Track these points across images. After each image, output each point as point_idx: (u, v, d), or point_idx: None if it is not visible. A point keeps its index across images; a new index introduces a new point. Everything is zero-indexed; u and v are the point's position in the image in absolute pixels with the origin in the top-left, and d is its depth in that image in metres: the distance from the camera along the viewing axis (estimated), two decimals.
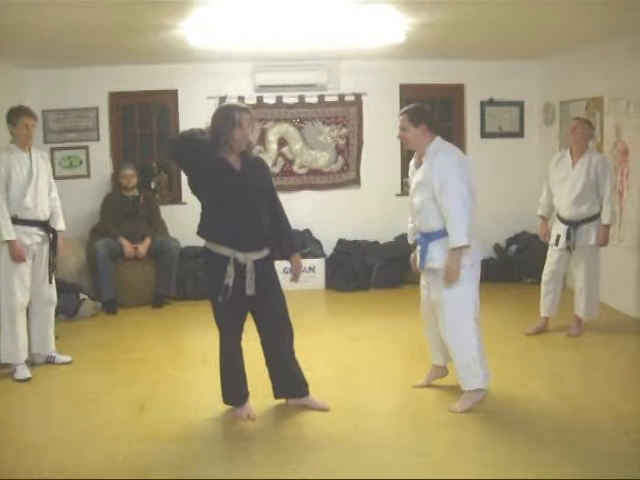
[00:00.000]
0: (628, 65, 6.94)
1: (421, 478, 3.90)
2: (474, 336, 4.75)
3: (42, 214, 5.72)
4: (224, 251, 4.51)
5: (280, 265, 4.95)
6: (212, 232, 4.59)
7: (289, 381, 4.91)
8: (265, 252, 4.65)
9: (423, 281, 5.03)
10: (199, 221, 4.66)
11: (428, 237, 4.77)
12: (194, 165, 4.51)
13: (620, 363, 5.85)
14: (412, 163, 4.96)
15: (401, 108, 8.77)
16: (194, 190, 4.62)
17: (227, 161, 4.51)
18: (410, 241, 5.14)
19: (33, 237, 5.66)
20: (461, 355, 4.77)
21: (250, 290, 4.53)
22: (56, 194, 5.95)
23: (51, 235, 5.81)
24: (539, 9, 5.61)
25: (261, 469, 4.05)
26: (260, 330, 4.80)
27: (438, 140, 4.76)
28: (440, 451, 4.23)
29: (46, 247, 5.79)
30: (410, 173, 4.99)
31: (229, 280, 4.48)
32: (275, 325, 4.79)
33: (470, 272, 4.70)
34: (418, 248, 4.92)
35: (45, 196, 5.76)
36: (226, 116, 4.47)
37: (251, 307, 4.69)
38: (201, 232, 4.65)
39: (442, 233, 4.66)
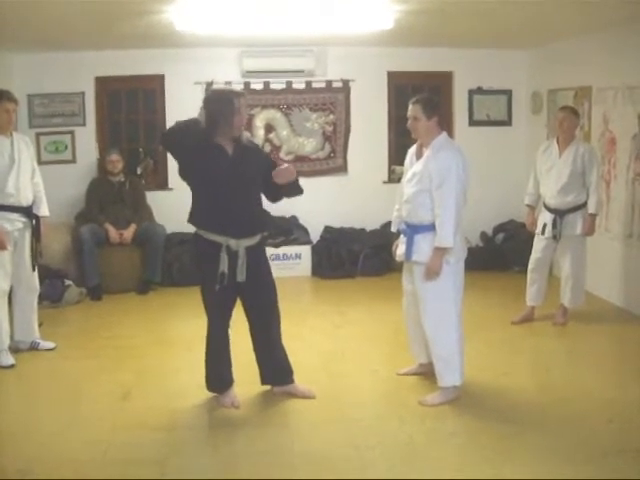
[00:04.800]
0: (616, 55, 6.93)
1: (404, 468, 3.90)
2: (456, 331, 4.75)
3: (25, 200, 5.65)
4: (216, 238, 4.49)
5: (269, 252, 4.90)
6: (204, 219, 4.57)
7: (277, 368, 4.91)
8: (257, 238, 4.64)
9: (406, 274, 5.02)
10: (190, 208, 4.63)
11: (414, 229, 4.74)
12: (185, 151, 4.46)
13: (605, 352, 5.88)
14: (411, 152, 4.92)
15: (389, 95, 8.96)
16: (185, 178, 4.59)
17: (222, 147, 4.49)
18: (393, 229, 5.12)
19: (15, 223, 5.58)
20: (440, 348, 4.76)
21: (241, 277, 4.52)
22: (39, 179, 5.89)
23: (33, 221, 5.75)
24: (527, 0, 5.59)
25: (245, 459, 4.04)
26: (249, 316, 4.79)
27: (444, 135, 4.74)
28: (423, 441, 4.23)
29: (28, 233, 5.72)
30: (407, 161, 4.94)
31: (224, 267, 4.46)
32: (265, 311, 4.78)
33: (454, 269, 4.70)
34: (402, 238, 4.91)
35: (28, 182, 5.70)
36: (225, 102, 4.42)
37: (241, 293, 4.68)
38: (192, 219, 4.63)
39: (430, 227, 4.64)
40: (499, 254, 8.73)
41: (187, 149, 4.44)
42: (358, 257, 8.60)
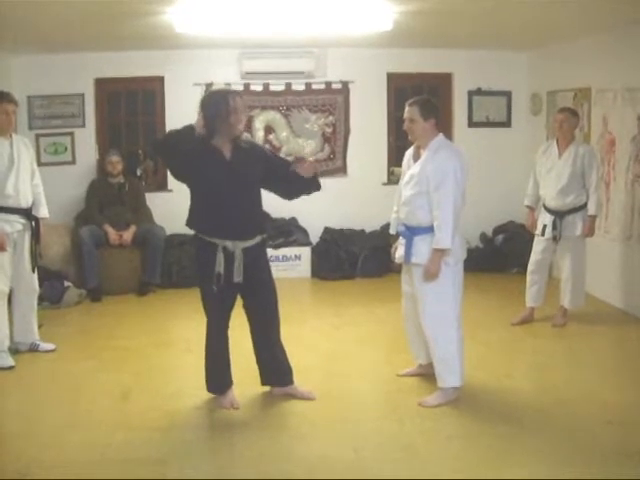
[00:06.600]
0: (615, 56, 6.94)
1: (404, 469, 3.90)
2: (455, 332, 4.74)
3: (24, 201, 5.64)
4: (213, 239, 4.49)
5: (269, 254, 4.92)
6: (200, 224, 4.57)
7: (277, 369, 4.90)
8: (256, 240, 4.62)
9: (405, 275, 5.01)
10: (188, 212, 4.63)
11: (413, 231, 4.74)
12: (180, 156, 4.42)
13: (604, 353, 5.88)
14: (409, 154, 4.92)
15: (388, 97, 8.97)
16: (183, 181, 4.60)
17: (219, 149, 4.48)
18: (392, 231, 5.13)
19: (14, 225, 5.58)
20: (440, 349, 4.75)
21: (238, 277, 4.51)
22: (39, 180, 5.89)
23: (33, 223, 5.74)
24: (527, 2, 5.59)
25: (244, 461, 4.03)
26: (250, 317, 4.79)
27: (441, 137, 4.74)
28: (423, 442, 4.23)
29: (28, 235, 5.71)
30: (405, 163, 4.95)
31: (220, 268, 4.46)
32: (266, 312, 4.79)
33: (454, 270, 4.70)
34: (401, 240, 4.91)
35: (27, 183, 5.69)
36: (220, 102, 4.40)
37: (241, 294, 4.68)
38: (189, 223, 4.63)
39: (429, 229, 4.64)
40: (499, 255, 8.73)
41: (182, 154, 4.41)
42: (357, 258, 8.61)
